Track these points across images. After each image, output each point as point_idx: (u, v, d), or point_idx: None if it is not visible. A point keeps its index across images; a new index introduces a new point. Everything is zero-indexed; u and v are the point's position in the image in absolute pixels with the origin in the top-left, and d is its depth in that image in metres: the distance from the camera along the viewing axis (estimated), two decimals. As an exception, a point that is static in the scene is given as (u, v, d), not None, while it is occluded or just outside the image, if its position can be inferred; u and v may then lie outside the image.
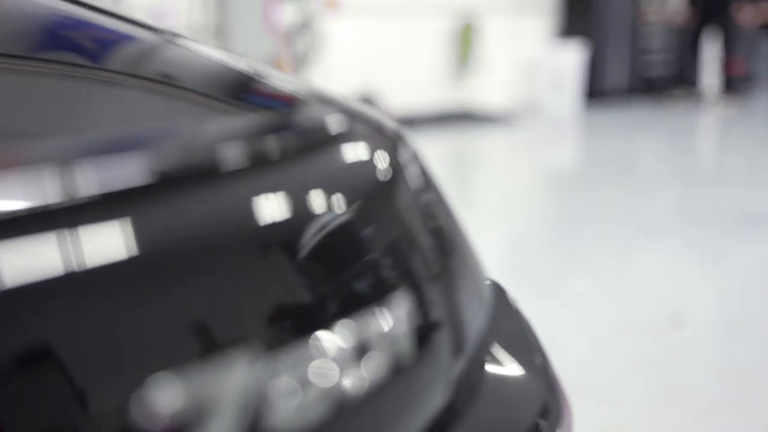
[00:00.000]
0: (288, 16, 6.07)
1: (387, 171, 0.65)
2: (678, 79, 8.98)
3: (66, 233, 0.40)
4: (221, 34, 6.16)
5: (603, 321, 2.80)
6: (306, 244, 0.52)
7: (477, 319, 0.71)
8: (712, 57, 8.79)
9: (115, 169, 0.45)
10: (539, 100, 7.79)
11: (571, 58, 7.84)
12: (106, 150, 0.48)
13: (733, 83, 8.73)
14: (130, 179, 0.45)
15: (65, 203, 0.41)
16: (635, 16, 8.75)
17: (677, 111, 8.27)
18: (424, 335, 0.59)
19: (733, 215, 4.25)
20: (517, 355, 0.73)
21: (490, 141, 6.77)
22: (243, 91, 0.74)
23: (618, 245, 3.80)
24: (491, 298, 0.78)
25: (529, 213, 4.55)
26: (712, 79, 8.89)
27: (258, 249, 0.50)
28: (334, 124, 0.64)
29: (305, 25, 6.19)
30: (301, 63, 6.17)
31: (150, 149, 0.51)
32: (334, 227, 0.55)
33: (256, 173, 0.53)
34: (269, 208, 0.51)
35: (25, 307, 0.38)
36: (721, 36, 8.59)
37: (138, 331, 0.41)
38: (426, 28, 7.30)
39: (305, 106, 0.71)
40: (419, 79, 7.25)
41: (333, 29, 6.41)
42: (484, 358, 0.70)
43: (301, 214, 0.53)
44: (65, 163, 0.44)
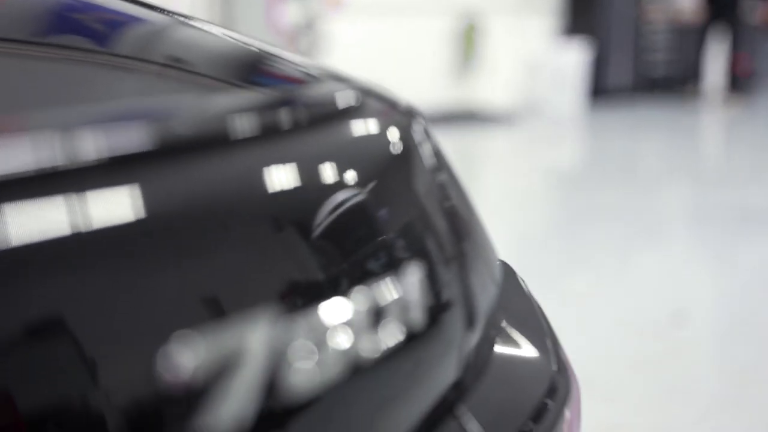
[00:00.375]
0: (292, 15, 6.08)
1: (402, 145, 0.66)
2: (683, 78, 8.99)
3: (110, 191, 0.42)
4: (225, 31, 6.16)
5: (603, 320, 2.80)
6: (326, 213, 0.53)
7: (488, 297, 0.71)
8: (718, 55, 8.79)
9: (166, 127, 0.48)
10: (542, 99, 7.79)
11: (575, 57, 7.84)
12: (151, 114, 0.50)
13: (739, 81, 8.72)
14: (171, 142, 0.48)
15: (128, 155, 0.44)
16: (638, 15, 8.76)
17: (689, 107, 8.26)
18: (437, 307, 0.60)
19: (736, 215, 4.25)
20: (527, 335, 0.74)
21: (492, 140, 6.78)
22: (257, 69, 0.75)
23: (619, 245, 3.80)
24: (502, 278, 0.79)
25: (531, 212, 4.56)
26: (717, 78, 8.89)
27: (280, 217, 0.51)
28: (351, 98, 0.65)
29: (309, 25, 6.20)
30: (305, 61, 6.17)
31: (171, 118, 0.52)
32: (352, 198, 0.56)
33: (283, 142, 0.55)
34: (289, 178, 0.52)
35: (51, 266, 0.39)
36: (730, 34, 8.57)
37: (165, 290, 0.43)
38: (429, 27, 7.31)
39: (320, 82, 0.72)
40: (422, 79, 7.25)
41: (336, 29, 6.41)
42: (494, 336, 0.71)
43: (320, 185, 0.55)
44: (106, 124, 0.46)
